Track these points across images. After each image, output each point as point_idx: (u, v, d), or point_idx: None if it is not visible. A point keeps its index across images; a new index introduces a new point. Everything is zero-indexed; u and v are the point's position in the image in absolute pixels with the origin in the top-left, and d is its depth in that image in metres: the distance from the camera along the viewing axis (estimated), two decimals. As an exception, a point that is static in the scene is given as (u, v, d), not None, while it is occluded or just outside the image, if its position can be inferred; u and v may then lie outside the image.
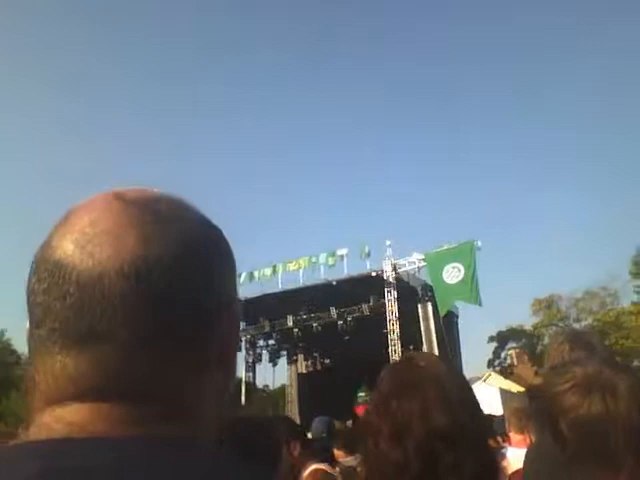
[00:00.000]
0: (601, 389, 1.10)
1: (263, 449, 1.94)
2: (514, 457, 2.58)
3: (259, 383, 31.98)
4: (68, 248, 0.51)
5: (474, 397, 1.17)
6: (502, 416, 4.83)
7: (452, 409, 1.07)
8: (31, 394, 0.52)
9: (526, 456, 2.09)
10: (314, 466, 2.84)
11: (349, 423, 11.05)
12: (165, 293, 0.50)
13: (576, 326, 28.29)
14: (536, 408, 1.27)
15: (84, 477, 0.42)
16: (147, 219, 0.53)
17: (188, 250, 0.53)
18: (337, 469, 3.09)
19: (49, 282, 0.50)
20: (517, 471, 2.42)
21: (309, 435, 3.94)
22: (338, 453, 3.62)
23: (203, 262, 0.55)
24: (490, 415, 5.03)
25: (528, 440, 2.96)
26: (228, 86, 72.87)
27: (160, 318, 0.50)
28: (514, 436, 3.09)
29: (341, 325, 25.25)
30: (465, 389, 1.16)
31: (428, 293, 23.50)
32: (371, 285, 23.77)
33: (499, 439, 4.49)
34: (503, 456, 2.84)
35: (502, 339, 35.33)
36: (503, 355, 35.72)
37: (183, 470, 0.45)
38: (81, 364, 0.49)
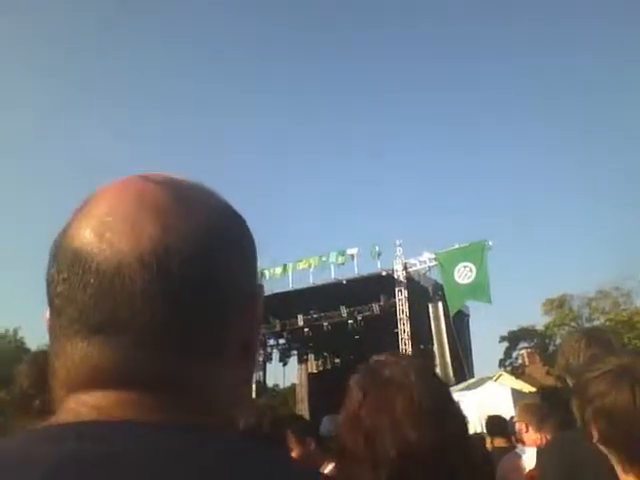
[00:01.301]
0: (631, 379, 1.10)
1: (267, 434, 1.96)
2: (529, 457, 2.55)
3: (269, 382, 32.07)
4: (87, 237, 0.50)
5: (449, 403, 1.08)
6: (512, 417, 4.79)
7: (422, 422, 0.98)
8: (52, 381, 0.52)
9: (541, 453, 2.07)
10: (332, 465, 2.83)
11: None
12: (186, 282, 0.49)
13: (588, 326, 28.07)
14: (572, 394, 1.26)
15: (111, 460, 0.42)
16: (168, 206, 0.51)
17: (209, 239, 0.52)
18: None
19: (69, 272, 0.50)
20: (532, 470, 2.39)
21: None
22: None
23: (225, 252, 0.53)
24: (499, 416, 4.98)
25: (544, 439, 2.93)
26: (238, 79, 73.11)
27: (181, 307, 0.49)
28: (532, 434, 3.06)
29: (351, 324, 25.26)
30: (438, 396, 1.05)
31: (439, 292, 23.45)
32: (382, 284, 23.75)
33: (512, 439, 4.46)
34: (518, 456, 2.81)
35: (513, 339, 35.11)
36: (514, 355, 35.50)
37: (214, 456, 0.45)
38: (103, 352, 0.48)
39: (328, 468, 2.77)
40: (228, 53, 76.92)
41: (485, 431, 4.83)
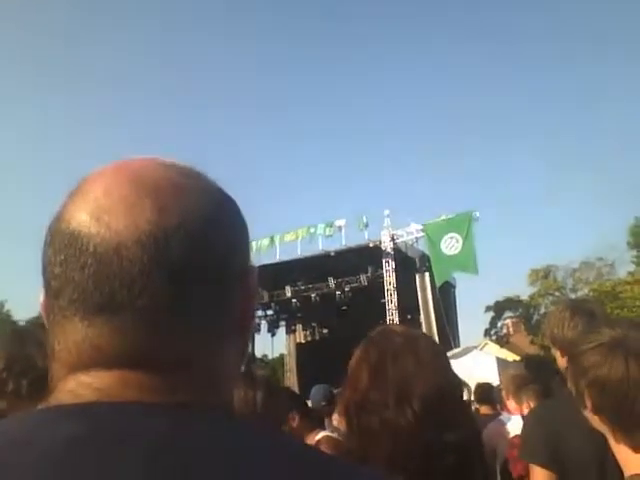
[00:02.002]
0: (625, 351, 1.12)
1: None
2: (513, 424, 2.61)
3: (258, 353, 32.37)
4: (84, 219, 0.50)
5: (448, 364, 1.22)
6: (499, 385, 4.89)
7: (433, 374, 1.12)
8: (51, 362, 0.52)
9: (525, 421, 2.12)
10: (323, 433, 2.88)
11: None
12: (183, 262, 0.50)
13: (572, 296, 28.51)
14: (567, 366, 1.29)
15: (126, 440, 0.43)
16: (163, 187, 0.52)
17: (205, 221, 0.53)
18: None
19: (66, 254, 0.50)
20: (515, 437, 2.45)
21: (309, 403, 3.98)
22: (340, 419, 3.65)
23: (220, 231, 0.54)
24: (488, 384, 5.08)
25: (526, 407, 3.00)
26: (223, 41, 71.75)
27: (180, 287, 0.50)
28: (510, 403, 3.13)
29: (339, 295, 25.41)
30: (441, 356, 1.22)
31: (426, 263, 23.57)
32: (369, 256, 23.84)
33: (497, 407, 4.56)
34: (502, 423, 2.88)
35: (499, 309, 35.67)
36: (499, 325, 36.13)
37: (216, 437, 0.45)
38: (103, 333, 0.49)
39: (318, 436, 2.83)
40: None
41: (472, 398, 4.93)
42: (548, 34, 63.20)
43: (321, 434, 2.88)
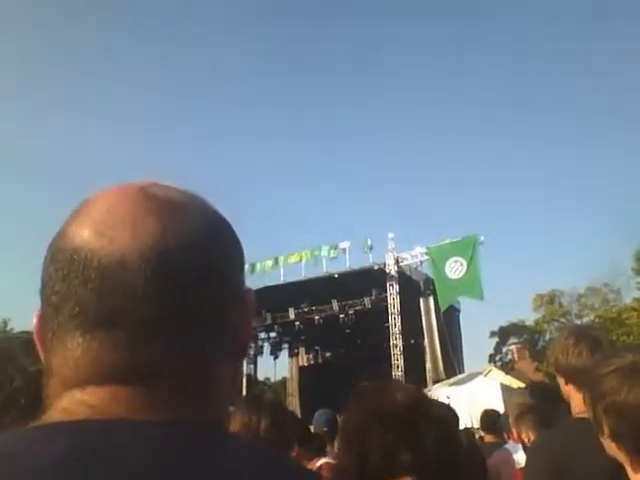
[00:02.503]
0: None
1: None
2: (521, 453, 2.58)
3: (260, 376, 32.11)
4: (87, 235, 0.51)
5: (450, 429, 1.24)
6: (505, 413, 4.82)
7: (420, 446, 1.13)
8: (48, 379, 0.52)
9: (527, 454, 2.09)
10: (323, 460, 2.85)
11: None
12: (186, 277, 0.51)
13: (578, 322, 28.27)
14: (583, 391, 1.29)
15: (107, 458, 0.43)
16: (165, 207, 0.53)
17: (205, 238, 0.54)
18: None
19: (68, 269, 0.50)
20: (520, 469, 2.42)
21: (311, 428, 3.93)
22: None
23: (220, 250, 0.55)
24: (495, 411, 5.01)
25: (525, 436, 2.96)
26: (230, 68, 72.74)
27: (182, 303, 0.51)
28: (514, 431, 3.09)
29: (342, 318, 25.31)
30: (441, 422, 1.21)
31: (430, 287, 23.51)
32: (373, 278, 23.80)
33: (504, 435, 4.49)
34: (508, 452, 2.84)
35: (503, 334, 35.32)
36: (504, 350, 35.72)
37: (204, 455, 0.45)
38: (102, 347, 0.49)
39: (319, 462, 2.79)
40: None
41: (476, 426, 4.85)
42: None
43: (322, 460, 2.84)
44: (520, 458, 2.53)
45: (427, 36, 67.42)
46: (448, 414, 1.29)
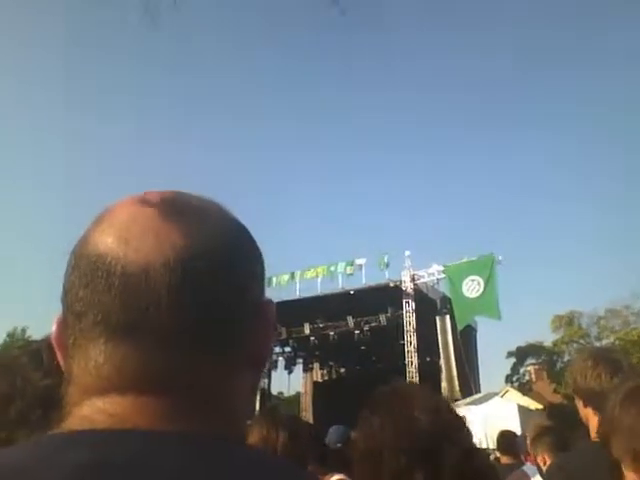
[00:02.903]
0: None
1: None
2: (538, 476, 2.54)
3: (274, 390, 31.97)
4: (111, 242, 0.51)
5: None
6: (523, 434, 4.74)
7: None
8: (67, 386, 0.52)
9: (545, 477, 2.06)
10: (337, 476, 2.82)
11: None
12: (209, 287, 0.51)
13: (597, 344, 27.76)
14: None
15: (129, 469, 0.42)
16: (187, 214, 0.54)
17: (228, 247, 0.54)
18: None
19: (92, 276, 0.50)
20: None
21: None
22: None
23: (242, 260, 0.56)
24: (512, 432, 4.93)
25: (540, 459, 2.92)
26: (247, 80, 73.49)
27: (203, 312, 0.51)
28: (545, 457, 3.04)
29: (358, 335, 25.13)
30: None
31: (447, 306, 23.26)
32: (389, 295, 23.64)
33: (521, 456, 4.42)
34: (525, 474, 2.80)
35: (521, 355, 34.78)
36: (522, 371, 35.16)
37: (224, 469, 0.45)
38: (125, 355, 0.49)
39: (333, 479, 2.78)
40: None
41: (492, 447, 4.78)
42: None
43: (335, 477, 2.83)
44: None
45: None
46: (469, 433, 1.23)
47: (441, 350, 23.04)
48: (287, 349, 29.05)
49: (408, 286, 23.47)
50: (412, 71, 68.31)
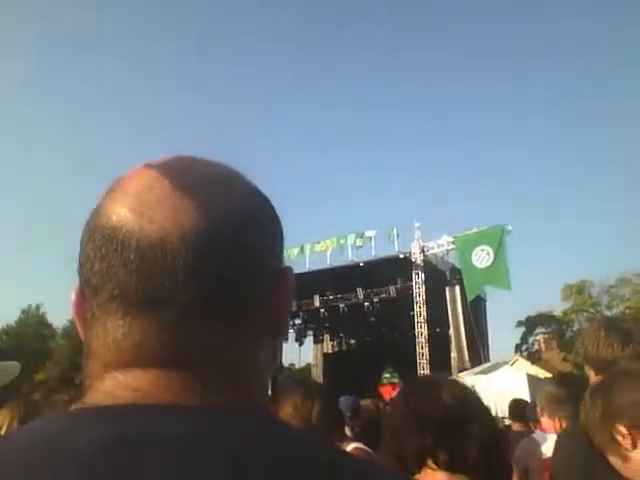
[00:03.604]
0: None
1: None
2: (549, 443, 2.55)
3: (285, 362, 32.38)
4: (125, 214, 0.49)
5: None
6: (532, 402, 4.78)
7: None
8: (86, 359, 0.51)
9: (557, 441, 2.07)
10: (353, 445, 2.85)
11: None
12: (226, 260, 0.49)
13: (607, 313, 27.74)
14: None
15: (158, 444, 0.42)
16: (204, 184, 0.52)
17: (247, 217, 0.52)
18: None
19: (107, 249, 0.49)
20: (548, 459, 2.39)
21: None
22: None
23: (260, 230, 0.54)
24: (523, 400, 4.97)
25: (558, 425, 2.92)
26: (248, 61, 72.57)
27: (221, 284, 0.49)
28: (546, 421, 3.05)
29: (367, 306, 25.34)
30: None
31: (456, 276, 23.31)
32: (399, 267, 23.69)
33: (530, 424, 4.45)
34: (535, 442, 2.81)
35: (531, 324, 34.85)
36: (531, 340, 35.26)
37: (255, 441, 0.44)
38: (144, 330, 0.48)
39: (349, 447, 2.81)
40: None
41: (501, 415, 4.83)
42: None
43: (352, 445, 2.85)
44: (547, 448, 2.51)
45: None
46: (493, 418, 1.28)
47: (451, 321, 23.17)
48: (297, 321, 29.34)
49: (417, 257, 23.48)
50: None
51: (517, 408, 4.70)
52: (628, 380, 1.30)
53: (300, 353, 31.89)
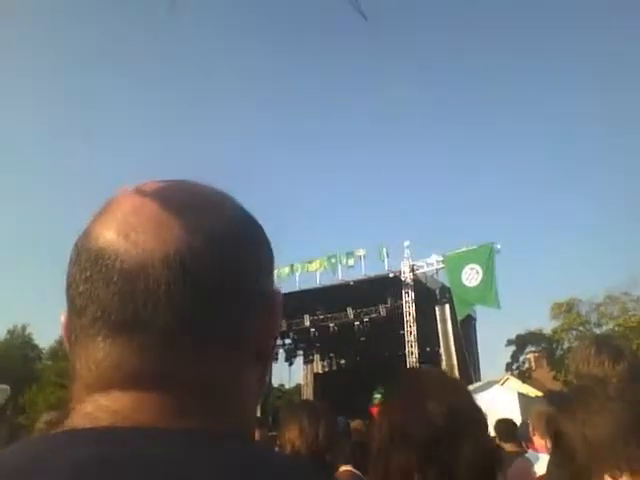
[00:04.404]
0: None
1: None
2: (542, 462, 2.54)
3: (275, 382, 32.13)
4: (111, 236, 0.50)
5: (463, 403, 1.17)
6: (524, 421, 4.75)
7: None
8: (72, 382, 0.51)
9: (550, 461, 2.05)
10: (343, 467, 2.82)
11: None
12: (210, 283, 0.49)
13: (597, 331, 27.88)
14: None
15: (134, 466, 0.42)
16: (190, 208, 0.52)
17: (232, 242, 0.52)
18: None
19: (91, 271, 0.49)
20: (540, 477, 2.38)
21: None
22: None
23: (247, 252, 0.54)
24: (511, 420, 4.94)
25: (549, 445, 2.91)
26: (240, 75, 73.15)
27: (204, 308, 0.49)
28: (537, 440, 3.05)
29: (358, 326, 25.27)
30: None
31: (446, 295, 23.36)
32: (388, 286, 23.73)
33: (522, 444, 4.42)
34: (528, 461, 2.80)
35: (521, 343, 34.85)
36: (521, 359, 35.22)
37: (230, 464, 0.44)
38: (124, 352, 0.48)
39: (341, 469, 2.77)
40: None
41: (492, 434, 4.78)
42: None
43: (342, 468, 2.82)
44: (540, 467, 2.49)
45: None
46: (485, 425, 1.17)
47: (441, 339, 23.15)
48: (287, 341, 29.18)
49: (407, 276, 23.54)
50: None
51: (506, 428, 4.66)
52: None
53: (290, 373, 31.60)
